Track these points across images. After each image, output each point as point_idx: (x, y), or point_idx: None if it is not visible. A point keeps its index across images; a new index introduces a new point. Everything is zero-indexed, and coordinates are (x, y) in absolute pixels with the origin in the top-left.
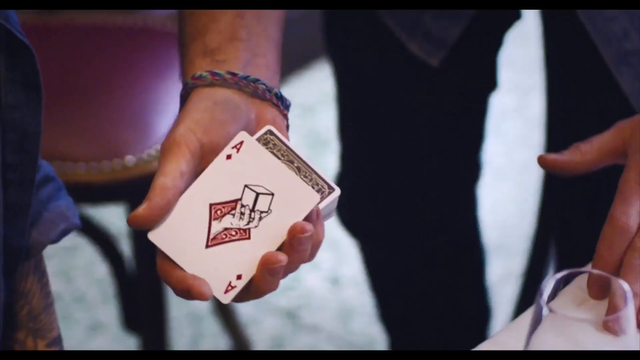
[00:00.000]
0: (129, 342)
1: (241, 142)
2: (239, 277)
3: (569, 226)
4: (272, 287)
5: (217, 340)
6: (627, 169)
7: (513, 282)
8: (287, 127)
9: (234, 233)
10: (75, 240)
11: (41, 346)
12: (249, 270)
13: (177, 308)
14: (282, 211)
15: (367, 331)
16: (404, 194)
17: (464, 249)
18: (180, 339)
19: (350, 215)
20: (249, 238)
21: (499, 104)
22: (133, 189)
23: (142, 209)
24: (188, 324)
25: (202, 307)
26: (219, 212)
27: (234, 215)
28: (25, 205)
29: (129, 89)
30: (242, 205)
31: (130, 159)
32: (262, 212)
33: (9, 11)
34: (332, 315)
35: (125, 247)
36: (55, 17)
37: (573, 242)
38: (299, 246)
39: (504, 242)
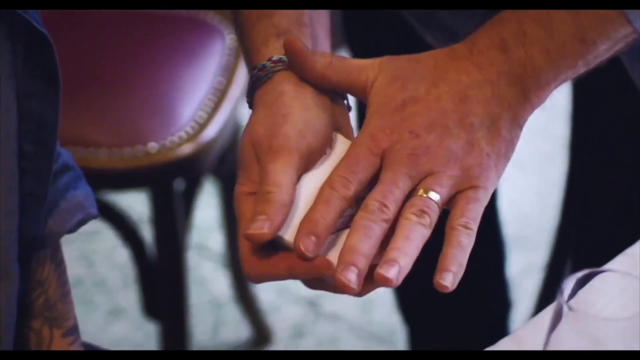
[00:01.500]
0: (149, 328)
1: (331, 139)
2: None
3: (592, 219)
4: None
5: (237, 328)
6: (361, 132)
7: (534, 275)
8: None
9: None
10: (96, 225)
11: (57, 335)
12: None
13: (197, 295)
14: None
15: (388, 321)
16: None
17: (484, 241)
18: (200, 326)
19: None
20: None
21: None
22: (155, 176)
23: (264, 229)
24: (209, 311)
25: (223, 294)
26: None
27: None
28: (41, 195)
29: (152, 75)
30: None
31: (152, 145)
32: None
33: None
34: (352, 305)
35: (147, 233)
36: None
37: (594, 236)
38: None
39: (525, 235)
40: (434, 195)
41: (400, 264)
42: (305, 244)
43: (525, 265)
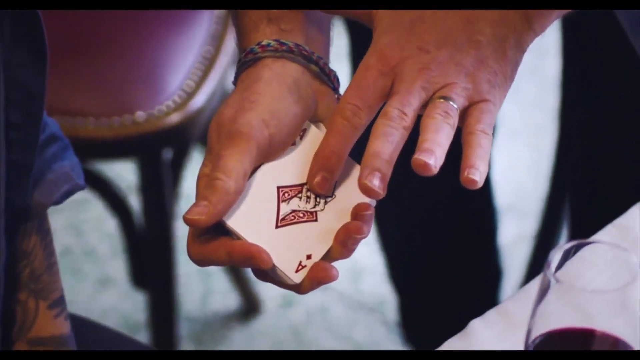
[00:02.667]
0: (138, 298)
1: (304, 130)
2: (308, 257)
3: (583, 188)
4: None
5: (226, 297)
6: (369, 53)
7: (526, 244)
8: None
9: (301, 215)
10: (85, 194)
11: (42, 307)
12: (318, 251)
13: (186, 265)
14: (347, 197)
15: (378, 291)
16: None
17: (476, 210)
18: (189, 296)
19: None
20: (315, 220)
21: None
22: (143, 145)
23: (202, 215)
24: (197, 280)
25: None
26: (286, 194)
27: (300, 198)
28: (28, 165)
29: (140, 44)
30: (308, 190)
31: (140, 114)
32: (327, 196)
33: None
34: (342, 275)
35: (135, 203)
36: None
37: (586, 205)
38: (352, 246)
39: (517, 204)
40: (452, 102)
41: (436, 153)
42: (318, 182)
43: (516, 234)
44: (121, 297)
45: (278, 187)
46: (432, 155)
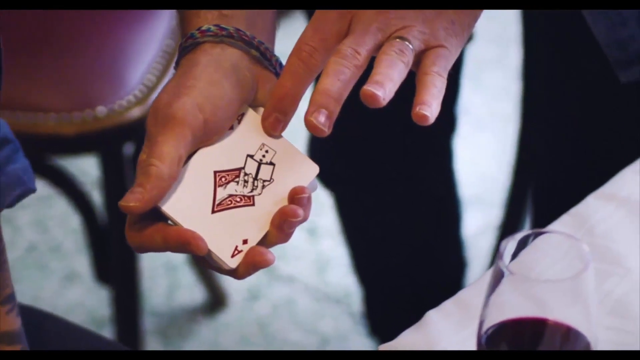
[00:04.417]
0: (103, 293)
1: (242, 114)
2: (244, 241)
3: (546, 178)
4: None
5: (192, 291)
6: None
7: (490, 234)
8: None
9: (238, 199)
10: (51, 190)
11: None
12: (254, 235)
13: (151, 259)
14: (285, 181)
15: (343, 282)
16: (378, 146)
17: (439, 201)
18: (155, 290)
19: (325, 166)
20: (253, 205)
21: (478, 55)
22: (104, 140)
23: (137, 202)
24: (163, 274)
25: (177, 257)
26: (223, 179)
27: (237, 182)
28: None
29: (101, 38)
30: (245, 174)
31: (101, 109)
32: (264, 180)
33: None
34: (308, 266)
35: (97, 198)
36: None
37: (549, 194)
38: (289, 229)
39: (481, 194)
40: (408, 43)
41: (386, 87)
42: (271, 123)
43: (481, 224)
44: (87, 292)
45: (215, 172)
46: (382, 88)
